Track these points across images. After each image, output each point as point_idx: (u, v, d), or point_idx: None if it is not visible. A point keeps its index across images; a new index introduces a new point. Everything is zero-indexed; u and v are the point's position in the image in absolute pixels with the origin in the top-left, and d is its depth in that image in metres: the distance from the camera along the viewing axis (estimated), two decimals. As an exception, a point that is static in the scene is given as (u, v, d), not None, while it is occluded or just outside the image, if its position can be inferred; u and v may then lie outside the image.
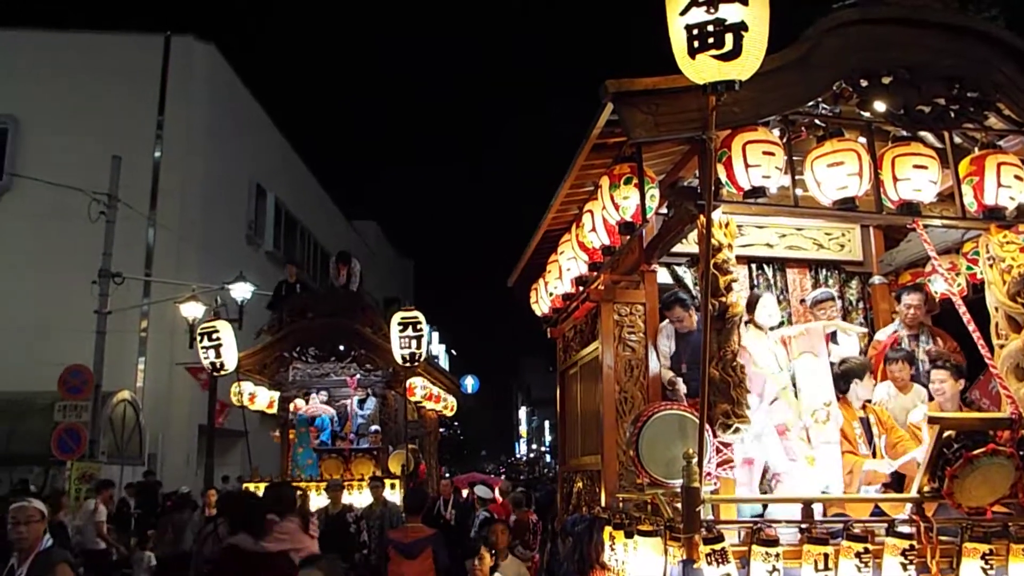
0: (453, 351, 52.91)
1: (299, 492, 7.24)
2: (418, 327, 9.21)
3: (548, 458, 53.12)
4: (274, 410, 11.78)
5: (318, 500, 9.45)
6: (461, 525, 10.55)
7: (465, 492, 12.78)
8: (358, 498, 9.80)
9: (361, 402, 11.87)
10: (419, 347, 9.18)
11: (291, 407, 11.60)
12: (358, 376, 11.30)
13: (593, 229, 5.41)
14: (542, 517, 9.37)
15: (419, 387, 11.71)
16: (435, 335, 44.59)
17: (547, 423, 60.66)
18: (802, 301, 6.05)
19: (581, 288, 6.23)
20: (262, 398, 11.88)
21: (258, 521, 4.83)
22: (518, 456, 68.92)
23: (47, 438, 12.25)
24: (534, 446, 69.48)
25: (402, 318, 9.25)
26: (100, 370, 12.87)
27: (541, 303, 7.42)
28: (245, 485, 10.00)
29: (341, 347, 10.89)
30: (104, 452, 13.40)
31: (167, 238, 17.28)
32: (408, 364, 9.27)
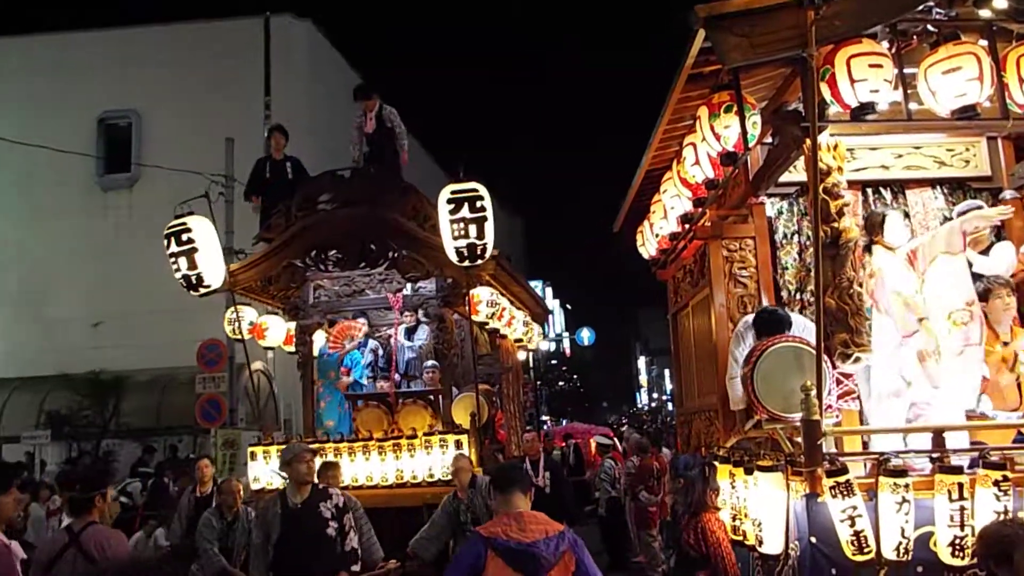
0: (568, 306, 53.06)
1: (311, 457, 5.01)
2: (478, 205, 6.25)
3: (670, 406, 52.81)
4: (292, 347, 8.62)
5: (354, 467, 6.78)
6: (559, 493, 8.21)
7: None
8: (409, 463, 6.75)
9: (410, 331, 8.53)
10: (482, 235, 6.27)
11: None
12: (404, 291, 8.07)
13: (696, 163, 5.28)
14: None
15: (485, 301, 8.05)
16: (549, 290, 44.83)
17: (666, 372, 60.17)
18: (946, 218, 5.62)
19: (687, 226, 6.11)
20: (276, 330, 8.90)
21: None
22: (640, 406, 68.86)
23: (191, 409, 13.14)
24: (655, 395, 69.20)
25: (453, 192, 6.27)
26: (232, 343, 13.54)
27: (648, 245, 7.33)
28: (251, 449, 7.52)
29: (373, 246, 7.49)
30: (243, 419, 14.23)
31: (282, 214, 17.97)
32: (467, 262, 6.38)
